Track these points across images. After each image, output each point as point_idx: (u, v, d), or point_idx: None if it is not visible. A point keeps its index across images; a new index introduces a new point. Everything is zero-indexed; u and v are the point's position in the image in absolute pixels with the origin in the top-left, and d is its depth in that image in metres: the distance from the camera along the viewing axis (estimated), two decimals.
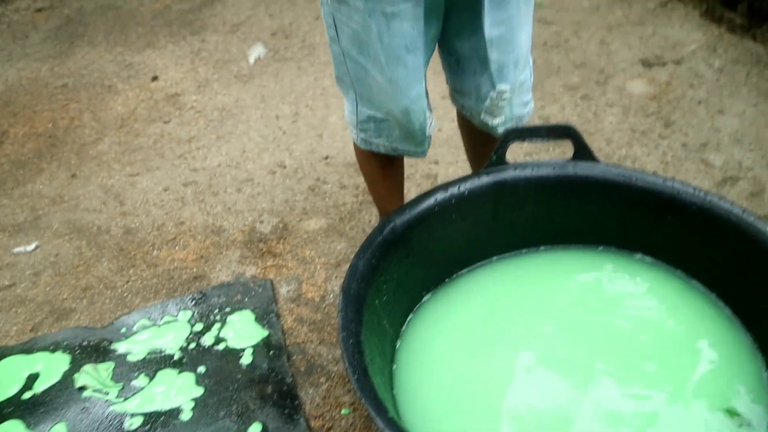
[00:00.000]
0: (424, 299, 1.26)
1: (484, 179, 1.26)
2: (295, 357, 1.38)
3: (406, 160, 1.54)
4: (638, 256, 1.29)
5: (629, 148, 1.97)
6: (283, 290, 1.56)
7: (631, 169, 1.24)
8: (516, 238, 1.34)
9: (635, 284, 1.24)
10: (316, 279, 1.58)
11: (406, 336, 1.20)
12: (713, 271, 1.19)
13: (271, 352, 1.38)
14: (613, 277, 1.26)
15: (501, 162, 1.26)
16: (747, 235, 1.08)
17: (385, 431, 0.84)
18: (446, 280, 1.30)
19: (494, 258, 1.33)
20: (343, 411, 1.25)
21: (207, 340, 1.42)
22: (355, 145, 1.39)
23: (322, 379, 1.32)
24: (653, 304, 1.19)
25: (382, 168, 1.46)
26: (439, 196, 1.23)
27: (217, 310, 1.49)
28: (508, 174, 1.27)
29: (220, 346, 1.40)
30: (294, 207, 1.85)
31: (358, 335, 1.00)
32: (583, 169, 1.27)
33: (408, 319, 1.23)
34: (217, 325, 1.45)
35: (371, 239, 1.14)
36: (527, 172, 1.28)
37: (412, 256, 1.21)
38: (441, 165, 1.94)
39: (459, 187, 1.24)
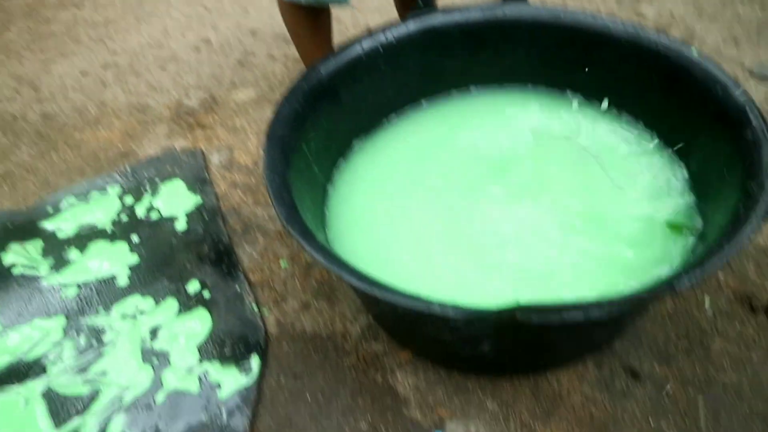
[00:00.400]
0: (355, 146, 1.24)
1: (412, 26, 1.21)
2: (230, 219, 1.35)
3: (335, 16, 1.47)
4: (568, 93, 1.27)
5: (562, 1, 1.93)
6: (215, 159, 1.51)
7: (560, 8, 1.20)
8: (446, 83, 1.32)
9: (564, 119, 1.23)
10: (248, 146, 1.54)
11: (337, 181, 1.18)
12: (643, 103, 1.18)
13: (206, 216, 1.35)
14: (542, 113, 1.25)
15: (429, 7, 1.22)
16: (673, 63, 1.07)
17: (315, 255, 0.83)
18: (377, 126, 1.27)
19: (424, 102, 1.31)
20: (282, 264, 1.25)
21: (139, 211, 1.38)
22: (278, 1, 1.32)
23: (259, 237, 1.31)
24: (584, 137, 1.19)
25: (308, 22, 1.39)
26: (366, 44, 1.18)
27: (147, 183, 1.45)
28: (436, 19, 1.23)
29: (153, 216, 1.36)
30: (222, 81, 1.77)
31: (284, 175, 0.98)
32: (512, 10, 1.23)
33: (339, 165, 1.21)
34: (147, 196, 1.41)
35: (296, 87, 1.10)
36: (455, 17, 1.24)
37: (340, 104, 1.18)
38: (369, 14, 1.88)
39: (386, 35, 1.19)
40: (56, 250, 1.31)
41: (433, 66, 1.28)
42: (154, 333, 1.13)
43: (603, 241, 1.00)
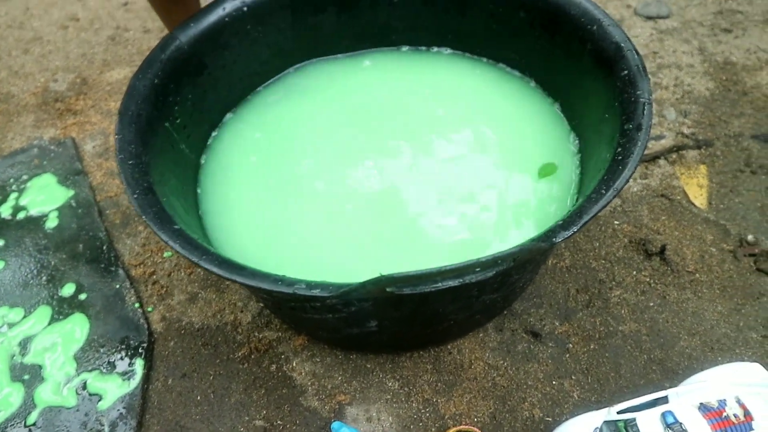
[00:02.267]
0: (227, 118, 1.14)
1: None
2: (108, 211, 1.24)
3: None
4: (445, 50, 1.21)
5: None
6: (89, 147, 1.38)
7: None
8: (320, 45, 1.23)
9: (440, 73, 1.17)
10: None
11: (210, 158, 1.09)
12: (520, 49, 1.13)
13: (80, 211, 1.23)
14: (419, 70, 1.18)
15: None
16: (551, 2, 1.02)
17: (169, 243, 0.74)
18: (250, 95, 1.17)
19: (292, 69, 1.22)
20: (165, 254, 1.15)
21: (4, 211, 1.25)
22: None
23: (140, 228, 1.21)
24: (456, 89, 1.13)
25: None
26: (228, 5, 1.08)
27: (12, 180, 1.31)
28: None
29: (20, 215, 1.24)
30: (93, 60, 1.62)
31: (140, 156, 0.88)
32: None
33: (211, 140, 1.11)
34: (13, 195, 1.28)
35: (151, 58, 1.00)
36: None
37: (206, 74, 1.07)
38: None
39: None
40: None
41: (305, 27, 1.19)
42: (24, 346, 1.03)
43: (483, 199, 0.95)
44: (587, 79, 0.97)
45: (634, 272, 1.05)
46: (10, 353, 1.02)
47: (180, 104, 1.02)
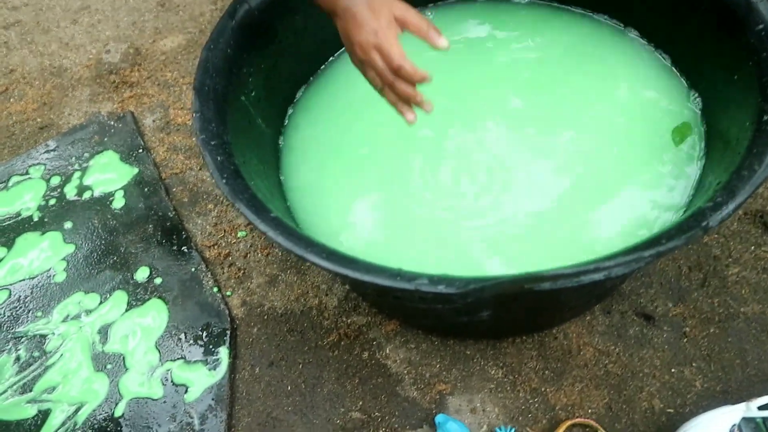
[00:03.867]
0: (304, 89, 1.07)
1: None
2: (175, 189, 1.19)
3: None
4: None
5: None
6: (148, 121, 1.33)
7: None
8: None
9: (525, 24, 1.06)
10: (185, 101, 1.35)
11: (289, 134, 1.02)
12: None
13: (146, 190, 1.18)
14: (503, 26, 1.08)
15: None
16: None
17: (269, 233, 0.68)
18: (326, 63, 1.09)
19: None
20: (239, 234, 1.10)
21: (69, 192, 1.20)
22: None
23: (210, 206, 1.15)
24: (557, 43, 1.03)
25: None
26: None
27: (74, 158, 1.26)
28: None
29: (86, 195, 1.19)
30: (144, 28, 1.55)
31: (222, 136, 0.81)
32: None
33: (288, 114, 1.04)
34: (77, 174, 1.23)
35: (221, 27, 0.91)
36: None
37: (277, 42, 0.99)
38: None
39: None
40: None
41: None
42: (104, 334, 0.99)
43: (600, 174, 0.86)
44: (707, 33, 0.86)
45: (752, 248, 0.96)
46: (90, 341, 0.98)
47: (254, 76, 0.95)
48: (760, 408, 0.74)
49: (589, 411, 0.84)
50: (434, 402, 0.87)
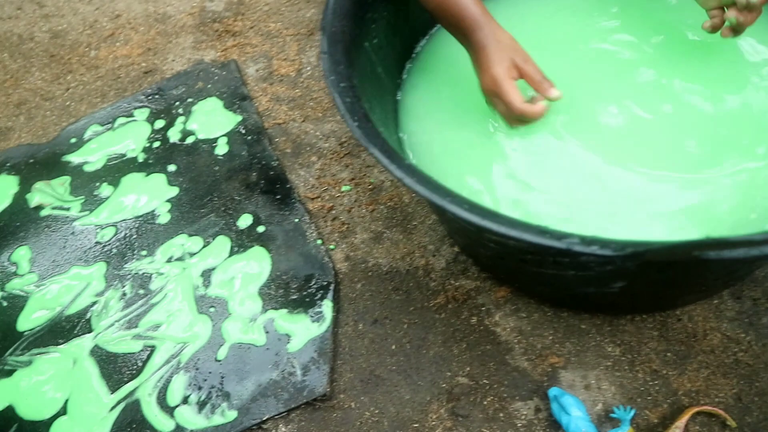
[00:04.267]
0: (422, 43, 1.03)
1: None
2: (278, 139, 1.18)
3: None
4: None
5: None
6: (251, 70, 1.31)
7: None
8: None
9: None
10: (288, 53, 1.33)
11: (408, 87, 0.98)
12: None
13: (249, 138, 1.17)
14: None
15: None
16: None
17: (405, 180, 0.65)
18: None
19: None
20: (343, 188, 1.08)
21: (173, 135, 1.20)
22: None
23: (314, 158, 1.13)
24: None
25: None
26: None
27: (178, 103, 1.26)
28: None
29: (189, 140, 1.19)
30: None
31: (351, 79, 0.79)
32: None
33: (407, 68, 1.00)
34: (181, 119, 1.23)
35: None
36: None
37: None
38: None
39: None
40: (86, 186, 1.15)
41: None
42: (207, 277, 0.99)
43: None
44: None
45: None
46: (193, 284, 0.98)
47: (376, 21, 0.92)
48: None
49: (716, 400, 0.78)
50: (546, 375, 0.83)
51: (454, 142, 0.87)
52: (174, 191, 1.11)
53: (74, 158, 1.20)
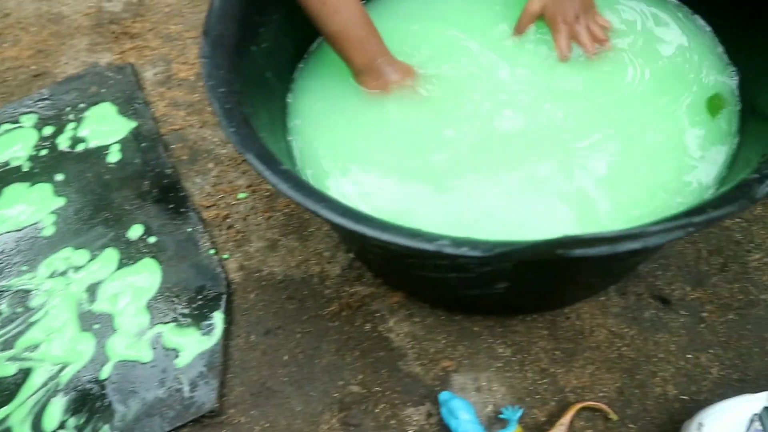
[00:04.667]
0: (316, 43, 1.01)
1: None
2: (174, 146, 1.13)
3: None
4: None
5: None
6: (149, 74, 1.27)
7: None
8: None
9: None
10: (188, 56, 1.29)
11: (299, 91, 0.96)
12: None
13: (143, 144, 1.12)
14: None
15: None
16: None
17: (279, 186, 0.63)
18: None
19: None
20: (240, 195, 1.05)
21: (62, 142, 1.14)
22: None
23: (211, 165, 1.10)
24: None
25: None
26: None
27: (69, 108, 1.20)
28: None
29: (79, 147, 1.13)
30: None
31: (232, 84, 0.76)
32: None
33: (299, 70, 0.98)
34: (71, 125, 1.17)
35: None
36: None
37: None
38: None
39: None
40: None
41: None
42: (92, 292, 0.94)
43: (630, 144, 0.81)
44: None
45: None
46: (77, 300, 0.93)
47: (265, 25, 0.89)
48: None
49: (600, 395, 0.80)
50: (438, 379, 0.83)
51: (339, 144, 0.86)
52: (60, 202, 1.06)
53: None
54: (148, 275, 0.95)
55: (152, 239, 0.99)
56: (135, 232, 1.00)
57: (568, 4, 0.85)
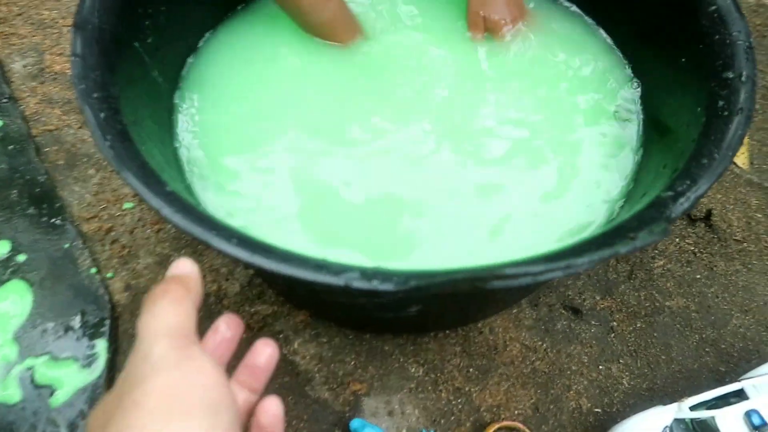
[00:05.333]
0: (207, 37, 0.92)
1: None
2: (48, 149, 1.01)
3: None
4: None
5: None
6: (17, 66, 1.12)
7: None
8: None
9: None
10: (64, 46, 1.16)
11: (188, 90, 0.87)
12: None
13: (11, 147, 0.99)
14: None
15: None
16: None
17: (163, 211, 0.55)
18: (238, 7, 0.95)
19: None
20: (125, 205, 0.94)
21: None
22: None
23: (92, 171, 0.98)
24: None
25: None
26: None
27: None
28: None
29: None
30: None
31: (107, 87, 0.66)
32: None
33: (188, 66, 0.89)
34: None
35: None
36: None
37: None
38: None
39: None
40: None
41: None
42: None
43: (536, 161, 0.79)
44: (654, 13, 0.81)
45: (677, 240, 0.93)
46: None
47: (152, 18, 0.80)
48: (692, 408, 0.71)
49: (516, 412, 0.78)
50: (348, 404, 0.78)
51: (230, 152, 0.78)
52: None
53: None
54: (16, 300, 0.84)
55: (21, 257, 0.87)
56: (1, 249, 0.88)
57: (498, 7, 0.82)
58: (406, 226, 0.70)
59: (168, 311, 0.42)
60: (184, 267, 0.48)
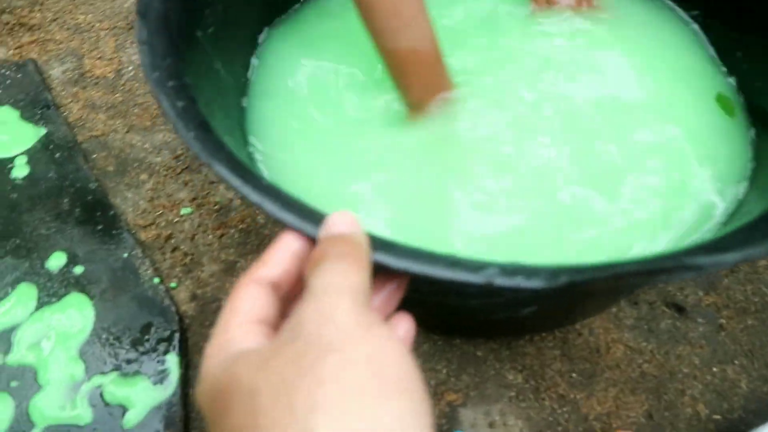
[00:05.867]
0: (272, 34, 0.87)
1: None
2: (96, 155, 0.95)
3: None
4: None
5: None
6: (57, 72, 1.07)
7: None
8: None
9: None
10: (103, 50, 1.11)
11: (254, 86, 0.82)
12: None
13: (58, 155, 0.94)
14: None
15: None
16: None
17: (264, 205, 0.49)
18: (297, 4, 0.90)
19: None
20: (183, 211, 0.89)
21: None
22: None
23: (144, 177, 0.93)
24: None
25: None
26: None
27: None
28: None
29: None
30: None
31: (181, 76, 0.61)
32: None
33: (251, 63, 0.84)
34: None
35: None
36: None
37: None
38: None
39: None
40: None
41: None
42: (5, 341, 0.76)
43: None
44: None
45: None
46: None
47: (210, 6, 0.74)
48: None
49: (628, 421, 0.71)
50: (444, 416, 0.71)
51: (319, 163, 0.72)
52: None
53: None
54: (77, 314, 0.78)
55: (78, 269, 0.82)
56: (56, 261, 0.82)
57: None
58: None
59: (351, 271, 0.35)
60: (352, 224, 0.41)
